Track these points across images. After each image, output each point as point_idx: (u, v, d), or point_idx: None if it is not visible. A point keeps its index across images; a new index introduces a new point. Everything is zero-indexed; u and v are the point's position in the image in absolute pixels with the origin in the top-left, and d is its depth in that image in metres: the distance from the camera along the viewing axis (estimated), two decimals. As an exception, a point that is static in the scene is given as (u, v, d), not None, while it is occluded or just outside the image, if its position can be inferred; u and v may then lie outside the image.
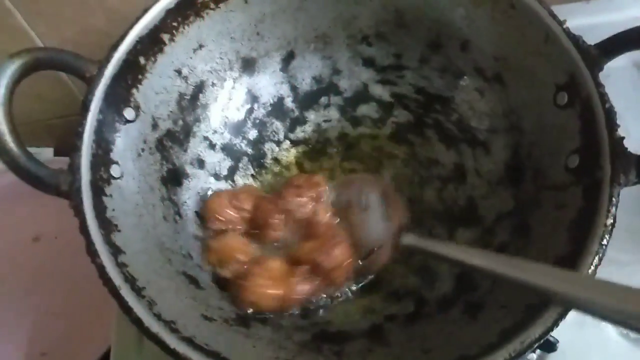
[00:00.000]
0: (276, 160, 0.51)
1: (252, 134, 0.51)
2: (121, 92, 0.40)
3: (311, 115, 0.52)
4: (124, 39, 0.40)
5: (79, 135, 0.37)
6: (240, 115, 0.51)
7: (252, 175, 0.50)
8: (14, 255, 0.66)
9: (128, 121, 0.41)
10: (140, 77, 0.42)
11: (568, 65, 0.38)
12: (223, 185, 0.48)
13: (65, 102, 0.68)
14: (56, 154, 0.72)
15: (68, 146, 0.36)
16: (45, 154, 0.74)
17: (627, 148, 0.34)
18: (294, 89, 0.52)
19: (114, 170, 0.39)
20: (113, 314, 0.48)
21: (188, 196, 0.46)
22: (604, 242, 0.32)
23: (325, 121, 0.52)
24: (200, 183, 0.47)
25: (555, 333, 0.42)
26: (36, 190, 0.36)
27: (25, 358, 0.59)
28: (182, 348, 0.31)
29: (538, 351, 0.43)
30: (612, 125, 0.34)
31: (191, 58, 0.46)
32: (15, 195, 0.68)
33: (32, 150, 0.36)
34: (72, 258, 0.64)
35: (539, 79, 0.41)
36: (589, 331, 0.45)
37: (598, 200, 0.33)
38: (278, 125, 0.52)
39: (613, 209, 0.32)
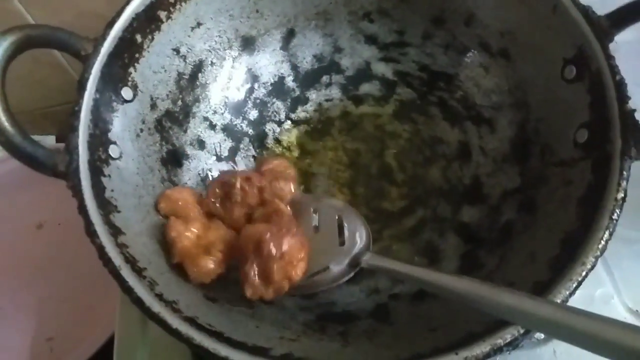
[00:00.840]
0: (277, 140, 0.50)
1: (253, 114, 0.50)
2: (118, 71, 0.40)
3: (312, 95, 0.51)
4: (120, 16, 0.39)
5: (76, 115, 0.36)
6: (240, 95, 0.50)
7: (254, 157, 0.49)
8: (17, 243, 0.66)
9: (126, 101, 0.40)
10: (137, 55, 0.41)
11: (577, 37, 0.37)
12: (224, 166, 0.48)
13: (65, 89, 0.68)
14: (58, 141, 0.72)
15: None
16: (47, 141, 0.74)
17: (638, 121, 0.33)
18: (294, 67, 0.51)
19: (113, 151, 0.38)
20: (117, 298, 0.48)
21: (188, 177, 0.45)
22: (615, 216, 0.31)
23: (326, 100, 0.51)
24: (200, 164, 0.46)
25: (563, 311, 0.41)
26: (38, 178, 0.35)
27: (31, 343, 0.60)
28: (184, 328, 0.30)
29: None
30: (622, 97, 0.33)
31: (189, 36, 0.45)
32: (17, 182, 0.68)
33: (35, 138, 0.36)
34: (76, 244, 0.64)
35: (547, 53, 0.40)
36: (597, 308, 0.44)
37: (608, 174, 0.32)
38: (279, 105, 0.51)
39: (624, 183, 0.32)
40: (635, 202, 0.49)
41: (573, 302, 0.31)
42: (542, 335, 0.43)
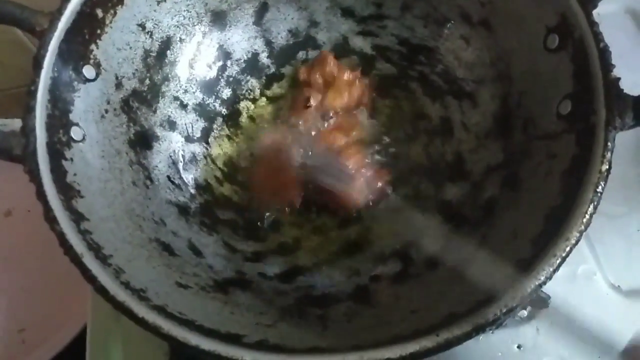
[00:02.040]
0: (252, 118, 0.48)
1: (226, 92, 0.48)
2: (78, 48, 0.37)
3: (288, 71, 0.49)
4: (77, -12, 0.36)
5: (32, 94, 0.34)
6: (212, 73, 0.47)
7: (228, 137, 0.47)
8: (-15, 231, 0.64)
9: (88, 80, 0.38)
10: (99, 31, 0.39)
11: (559, 4, 0.35)
12: (197, 148, 0.46)
13: (29, 69, 0.64)
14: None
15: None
16: (13, 125, 0.71)
17: (623, 89, 0.31)
18: (268, 43, 0.49)
19: (75, 133, 0.36)
20: (89, 288, 0.46)
21: (159, 160, 0.43)
22: (599, 189, 0.30)
23: (303, 77, 0.49)
24: (172, 146, 0.44)
25: (546, 288, 0.41)
26: (5, 163, 0.33)
27: (3, 334, 0.58)
28: (151, 317, 0.29)
29: (529, 307, 0.42)
30: (606, 65, 0.32)
31: (155, 11, 0.43)
32: (-17, 170, 0.65)
33: None
34: (47, 232, 0.62)
35: (529, 22, 0.38)
36: (580, 285, 0.44)
37: (592, 146, 0.31)
38: (253, 83, 0.49)
39: (608, 155, 0.30)
40: (617, 177, 0.48)
41: (555, 279, 0.31)
42: (525, 314, 0.42)
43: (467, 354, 0.41)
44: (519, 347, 0.41)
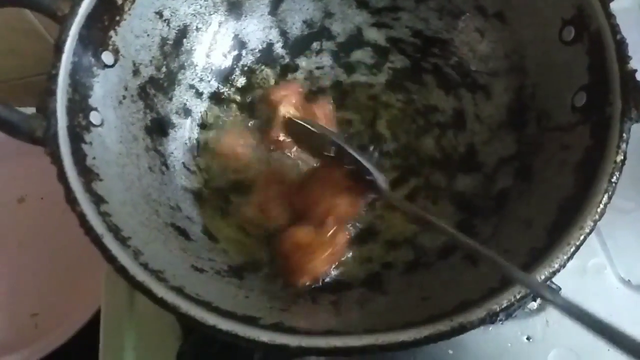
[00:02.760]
0: (267, 109, 0.48)
1: (241, 81, 0.48)
2: (98, 34, 0.38)
3: (302, 62, 0.49)
4: (98, -25, 0.37)
5: (53, 79, 0.34)
6: (227, 62, 0.48)
7: (242, 125, 0.47)
8: (-1, 217, 0.65)
9: (107, 66, 0.38)
10: (117, 18, 0.39)
11: (576, -4, 0.35)
12: (211, 135, 0.46)
13: (43, 57, 0.65)
14: (38, 112, 0.69)
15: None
16: (27, 112, 0.72)
17: (639, 81, 0.32)
18: (283, 33, 0.49)
19: (94, 117, 0.37)
20: (103, 273, 0.46)
21: (175, 147, 0.43)
22: (614, 179, 0.30)
23: (317, 68, 0.49)
24: (187, 133, 0.45)
25: (556, 280, 0.41)
26: (19, 151, 0.34)
27: (16, 319, 0.59)
28: (170, 297, 0.29)
29: (539, 300, 0.42)
30: (623, 57, 0.32)
31: (173, -1, 0.43)
32: (-3, 156, 0.66)
33: None
34: (59, 218, 0.63)
35: (544, 14, 0.38)
36: (590, 278, 0.44)
37: (607, 137, 0.31)
38: (268, 72, 0.49)
39: (623, 145, 0.31)
40: (628, 173, 0.48)
41: (565, 272, 0.31)
42: (535, 306, 0.43)
43: (477, 344, 0.41)
44: (528, 338, 0.42)
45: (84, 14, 0.36)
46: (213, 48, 0.47)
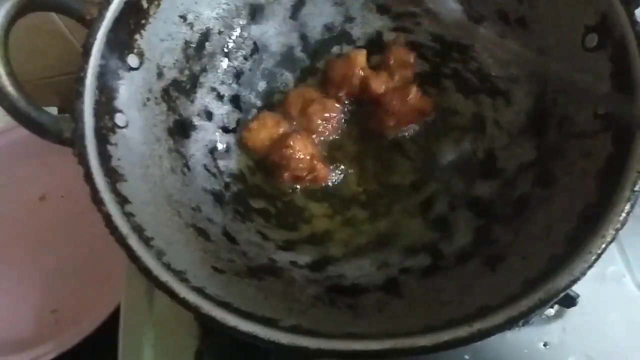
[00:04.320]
0: (286, 112, 0.48)
1: (261, 85, 0.49)
2: (124, 38, 0.39)
3: (322, 66, 0.50)
4: (124, -20, 0.38)
5: (81, 81, 0.35)
6: (248, 66, 0.48)
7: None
8: (20, 215, 0.66)
9: (132, 68, 0.39)
10: (143, 22, 0.40)
11: (600, 3, 0.35)
12: (232, 138, 0.47)
13: (67, 58, 0.66)
14: (60, 112, 0.71)
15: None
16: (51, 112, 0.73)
17: (663, 90, 0.31)
18: (304, 37, 0.50)
19: (119, 119, 0.37)
20: (122, 271, 0.47)
21: (196, 148, 0.44)
22: (637, 188, 0.30)
23: (337, 72, 0.49)
24: (208, 135, 0.45)
25: (575, 287, 0.41)
26: (40, 149, 0.35)
27: (36, 315, 0.60)
28: (192, 297, 0.30)
29: (556, 306, 0.42)
30: (647, 65, 0.32)
31: (196, 3, 0.44)
32: (19, 154, 0.67)
33: None
34: (80, 216, 0.64)
35: (567, 21, 0.38)
36: (608, 286, 0.43)
37: (630, 145, 0.31)
38: (288, 76, 0.49)
39: (647, 154, 0.30)
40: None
41: (584, 280, 0.30)
42: (553, 312, 0.42)
43: (494, 349, 0.41)
44: (545, 345, 0.42)
45: (112, 18, 0.37)
46: (234, 51, 0.48)
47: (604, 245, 0.29)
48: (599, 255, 0.29)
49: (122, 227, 0.32)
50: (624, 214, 0.30)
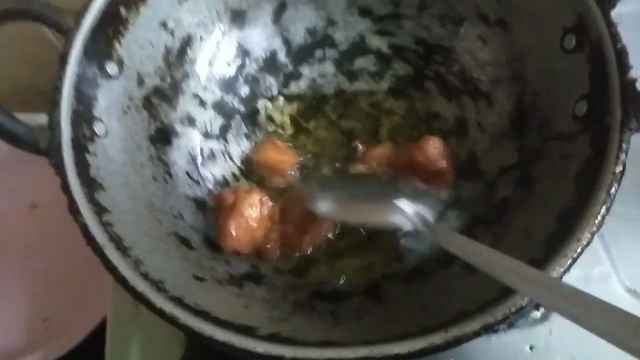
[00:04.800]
0: (270, 118, 0.48)
1: (244, 90, 0.49)
2: (102, 46, 0.38)
3: (306, 70, 0.49)
4: (103, -12, 0.37)
5: (58, 90, 0.35)
6: (231, 71, 0.48)
7: (246, 135, 0.48)
8: (11, 223, 0.66)
9: (111, 76, 0.39)
10: (122, 29, 0.40)
11: (576, 4, 0.35)
12: (215, 145, 0.47)
13: (55, 65, 0.66)
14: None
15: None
16: (40, 119, 0.73)
17: (639, 91, 0.31)
18: (286, 42, 0.49)
19: (98, 128, 0.37)
20: (110, 279, 0.47)
21: (178, 155, 0.44)
22: (612, 190, 0.30)
23: (320, 76, 0.49)
24: (191, 142, 0.45)
25: (560, 289, 0.41)
26: (31, 158, 0.35)
27: (27, 324, 0.60)
28: (168, 307, 0.30)
29: (542, 309, 0.42)
30: (623, 67, 0.32)
31: (176, 10, 0.44)
32: (10, 163, 0.67)
33: (25, 116, 0.35)
34: (70, 225, 0.63)
35: (545, 22, 0.38)
36: (595, 287, 0.43)
37: (607, 147, 0.31)
38: (271, 81, 0.49)
39: (623, 156, 0.30)
40: (634, 180, 0.48)
41: (570, 281, 0.30)
42: (539, 315, 0.42)
43: (479, 353, 0.41)
44: (531, 348, 0.41)
45: (89, 27, 0.37)
46: (217, 57, 0.47)
47: (579, 249, 0.29)
48: (575, 259, 0.29)
49: (99, 237, 0.32)
50: (599, 217, 0.29)
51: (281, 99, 0.49)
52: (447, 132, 0.45)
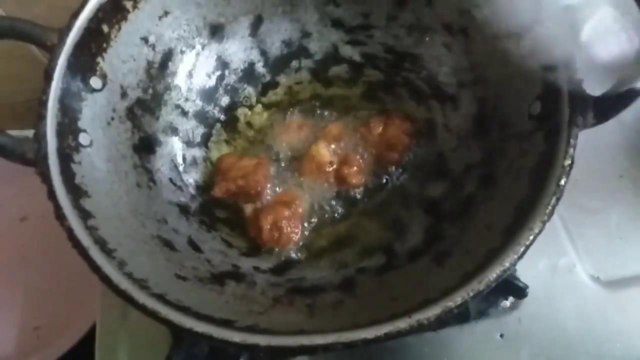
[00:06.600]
0: (249, 124, 0.51)
1: (224, 100, 0.51)
2: (86, 61, 0.40)
3: (283, 79, 0.52)
4: (84, 7, 0.40)
5: (43, 104, 0.37)
6: (211, 82, 0.50)
7: (226, 141, 0.50)
8: (2, 235, 0.67)
9: (95, 90, 0.41)
10: (105, 45, 0.42)
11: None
12: (197, 152, 0.49)
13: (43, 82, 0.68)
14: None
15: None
16: (29, 135, 0.75)
17: (585, 90, 0.34)
18: (264, 53, 0.52)
19: (83, 139, 0.39)
20: (98, 287, 0.49)
21: (162, 163, 0.46)
22: (562, 182, 0.32)
23: (297, 83, 0.52)
24: (173, 150, 0.47)
25: (527, 279, 0.43)
26: (21, 171, 0.36)
27: (19, 332, 0.61)
28: (151, 303, 0.31)
29: (511, 298, 0.44)
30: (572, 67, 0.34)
31: (157, 25, 0.46)
32: (0, 178, 0.68)
33: (15, 132, 0.36)
34: (60, 236, 0.64)
35: (502, 30, 0.41)
36: (560, 277, 0.46)
37: (557, 143, 0.33)
38: (250, 91, 0.52)
39: (571, 150, 0.33)
40: (597, 174, 0.51)
41: (536, 271, 0.32)
42: (508, 304, 0.44)
43: (452, 342, 0.43)
44: (501, 336, 0.44)
45: (72, 43, 0.39)
46: (197, 69, 0.50)
47: (532, 237, 0.31)
48: (528, 247, 0.31)
49: (84, 240, 0.33)
50: (550, 207, 0.32)
51: (260, 106, 0.52)
52: (418, 133, 0.47)
